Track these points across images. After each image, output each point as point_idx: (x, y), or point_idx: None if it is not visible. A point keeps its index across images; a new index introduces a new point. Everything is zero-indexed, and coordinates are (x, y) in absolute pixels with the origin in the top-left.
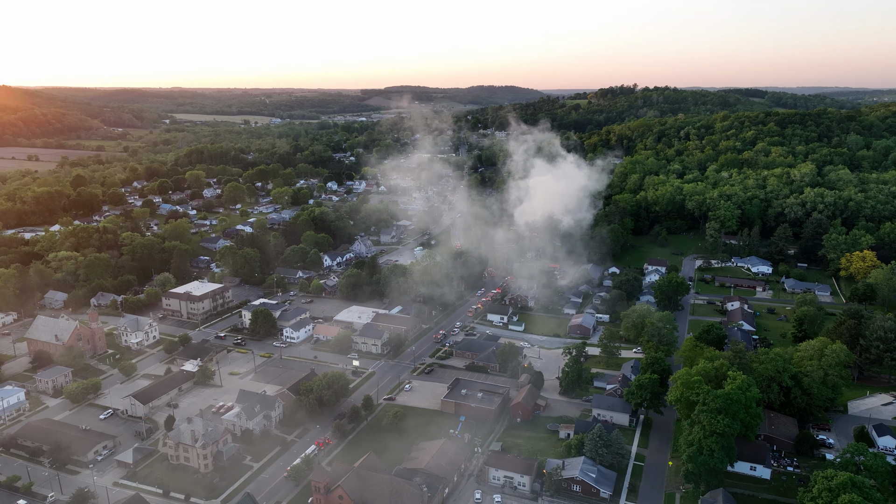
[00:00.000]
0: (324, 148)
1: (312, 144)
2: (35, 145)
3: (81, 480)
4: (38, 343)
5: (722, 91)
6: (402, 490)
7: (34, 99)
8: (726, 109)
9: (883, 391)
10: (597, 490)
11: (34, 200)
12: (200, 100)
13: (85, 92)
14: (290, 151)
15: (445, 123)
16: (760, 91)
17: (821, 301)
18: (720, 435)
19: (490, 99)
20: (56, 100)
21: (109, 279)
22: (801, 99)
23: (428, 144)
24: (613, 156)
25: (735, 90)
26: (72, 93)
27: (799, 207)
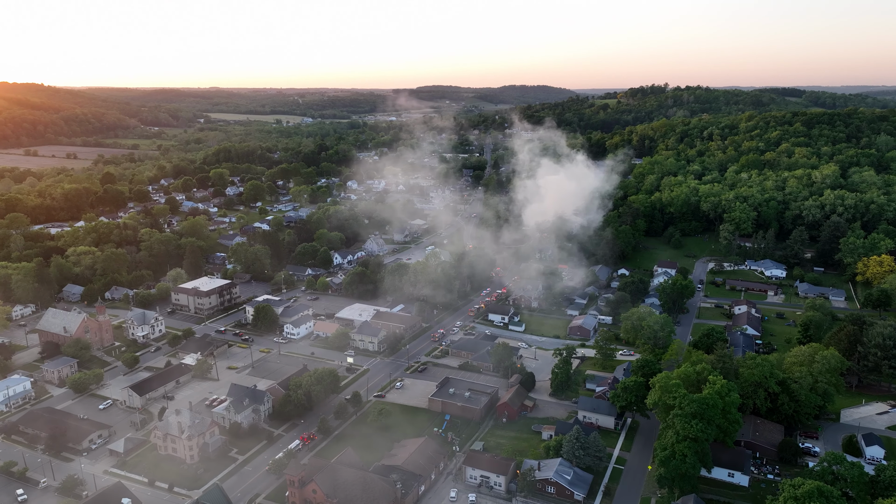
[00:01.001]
0: (348, 147)
1: (338, 144)
2: (75, 143)
3: (74, 468)
4: (48, 334)
5: (757, 90)
6: (373, 486)
7: (77, 99)
8: (759, 109)
9: (881, 400)
10: (570, 492)
11: (63, 197)
12: (236, 99)
13: (126, 92)
14: (314, 150)
15: (470, 123)
16: (799, 90)
17: (834, 306)
18: (693, 440)
19: (522, 98)
20: (97, 99)
21: (125, 274)
22: (840, 98)
23: (452, 144)
24: (624, 153)
25: (772, 89)
26: (113, 93)
27: (818, 210)
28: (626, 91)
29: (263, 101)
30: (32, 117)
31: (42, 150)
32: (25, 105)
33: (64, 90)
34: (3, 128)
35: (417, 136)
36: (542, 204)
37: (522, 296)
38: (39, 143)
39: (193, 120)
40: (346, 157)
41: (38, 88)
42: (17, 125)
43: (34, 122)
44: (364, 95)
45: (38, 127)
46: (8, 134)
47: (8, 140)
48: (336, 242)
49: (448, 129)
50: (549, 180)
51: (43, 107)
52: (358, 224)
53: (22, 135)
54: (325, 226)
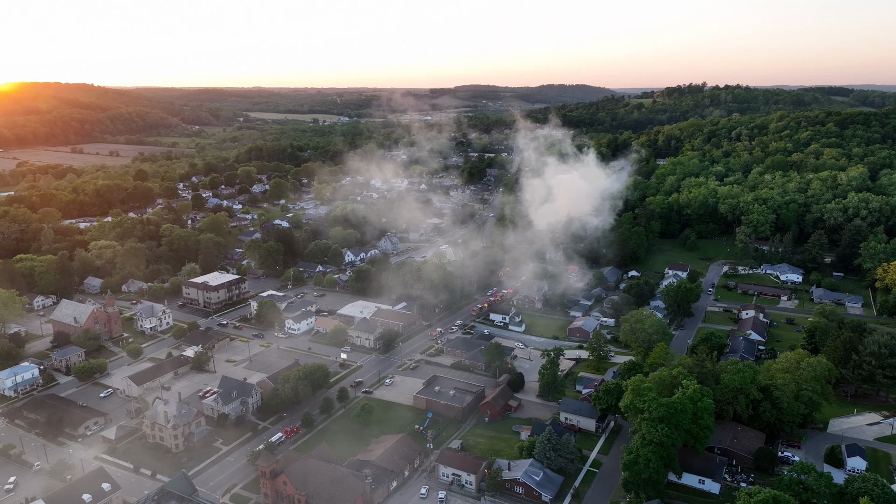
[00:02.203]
0: (377, 146)
1: (367, 142)
2: (118, 141)
3: (68, 452)
4: (60, 324)
5: (801, 89)
6: (343, 480)
7: (124, 98)
8: (799, 109)
9: (874, 410)
10: (538, 493)
11: (95, 193)
12: (276, 99)
13: (171, 91)
14: (342, 149)
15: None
16: (846, 89)
17: (849, 313)
18: (658, 444)
19: (560, 98)
20: (143, 99)
21: (142, 268)
22: (891, 97)
23: (480, 143)
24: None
25: (816, 88)
26: (159, 92)
27: (840, 213)
28: (662, 90)
29: (303, 100)
30: (80, 116)
31: (87, 148)
32: (75, 104)
33: (112, 90)
34: (52, 126)
35: (449, 135)
36: (554, 204)
37: (527, 296)
38: (86, 141)
39: (233, 119)
40: (373, 156)
41: (89, 88)
42: (66, 124)
43: (82, 120)
44: (401, 95)
45: (86, 125)
46: (57, 132)
47: (57, 138)
48: (351, 240)
49: (479, 128)
50: (561, 181)
51: (91, 106)
52: (375, 222)
53: (70, 133)
54: (341, 224)
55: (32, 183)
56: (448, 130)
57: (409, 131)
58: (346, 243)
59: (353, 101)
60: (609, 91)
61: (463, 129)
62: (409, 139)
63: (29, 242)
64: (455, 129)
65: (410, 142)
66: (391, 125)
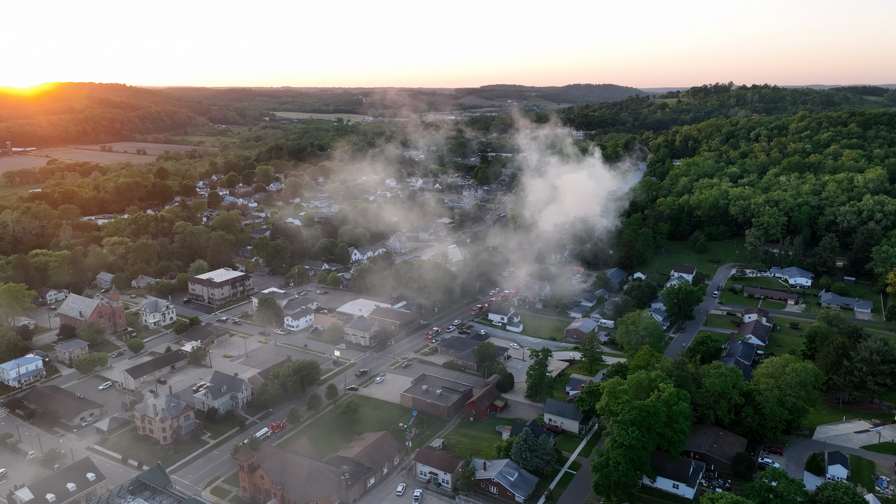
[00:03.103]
0: (395, 145)
1: (387, 142)
2: (146, 140)
3: (62, 443)
4: (67, 318)
5: (833, 89)
6: (319, 475)
7: (154, 98)
8: (829, 109)
9: (865, 418)
10: (512, 494)
11: (115, 190)
12: (303, 98)
13: (200, 91)
14: (360, 148)
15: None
16: (881, 89)
17: (857, 319)
18: (628, 447)
19: (586, 97)
20: (172, 98)
21: (153, 264)
22: None
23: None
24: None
25: (849, 88)
26: (189, 92)
27: (853, 216)
28: (687, 90)
29: (329, 99)
30: (111, 115)
31: (116, 146)
32: (107, 104)
33: (143, 90)
34: (84, 125)
35: (469, 134)
36: (560, 205)
37: (527, 296)
38: (115, 140)
39: (259, 118)
40: (390, 155)
41: (121, 88)
42: (97, 123)
43: (112, 119)
44: (427, 95)
45: (116, 124)
46: (88, 131)
47: (88, 136)
48: (360, 239)
49: (498, 128)
50: (567, 182)
51: (122, 105)
52: (385, 221)
53: (101, 132)
54: (350, 222)
55: (59, 180)
56: (469, 130)
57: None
58: (355, 242)
59: (378, 101)
60: (636, 91)
61: (482, 130)
62: (427, 138)
63: (49, 238)
64: (475, 128)
65: (429, 141)
66: (413, 125)
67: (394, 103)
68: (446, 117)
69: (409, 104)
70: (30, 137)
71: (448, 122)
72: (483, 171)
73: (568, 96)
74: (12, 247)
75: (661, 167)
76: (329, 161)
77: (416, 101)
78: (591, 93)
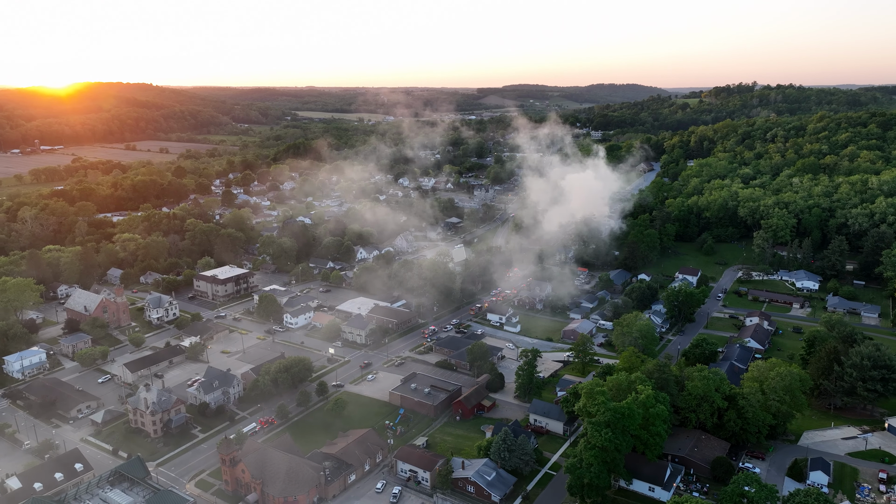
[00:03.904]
0: (411, 144)
1: (401, 141)
2: (170, 139)
3: (59, 433)
4: (72, 312)
5: (862, 89)
6: (298, 470)
7: (179, 97)
8: (855, 109)
9: (855, 424)
10: (488, 493)
11: (131, 188)
12: (325, 98)
13: (225, 91)
14: (376, 147)
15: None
16: None
17: (864, 323)
18: (601, 449)
19: (609, 97)
20: (196, 98)
21: (162, 260)
22: None
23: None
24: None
25: (879, 87)
26: (214, 91)
27: (865, 218)
28: (710, 90)
29: (351, 99)
30: (136, 115)
31: (140, 145)
32: (133, 103)
33: (169, 89)
34: (110, 124)
35: (487, 134)
36: (566, 206)
37: (527, 297)
38: (139, 139)
39: (281, 117)
40: (406, 156)
41: (148, 88)
42: (122, 122)
43: (137, 118)
44: (448, 94)
45: (141, 123)
46: (114, 130)
47: (113, 135)
48: (366, 238)
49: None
50: (573, 183)
51: (147, 105)
52: (394, 220)
53: (126, 130)
54: (359, 221)
55: (81, 178)
56: (489, 130)
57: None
58: (362, 241)
59: (400, 101)
60: (661, 91)
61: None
62: (444, 138)
63: (65, 234)
64: (493, 128)
65: (444, 141)
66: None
67: (415, 103)
68: (467, 117)
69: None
70: (58, 136)
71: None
72: (496, 171)
73: (591, 96)
74: (30, 242)
75: (675, 168)
76: (344, 160)
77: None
78: (615, 93)
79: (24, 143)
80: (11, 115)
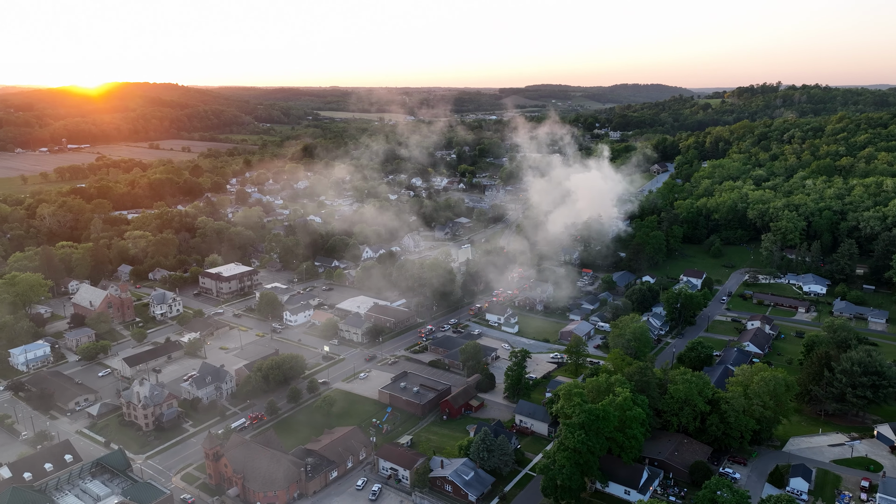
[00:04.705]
0: (427, 144)
1: (418, 141)
2: (193, 138)
3: (56, 425)
4: (79, 307)
5: (891, 89)
6: (279, 466)
7: (204, 97)
8: (881, 110)
9: (844, 431)
10: (465, 493)
11: (147, 186)
12: (348, 98)
13: (250, 91)
14: (392, 148)
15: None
16: None
17: (870, 329)
18: (573, 451)
19: (633, 98)
20: (221, 98)
21: (170, 257)
22: None
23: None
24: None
25: None
26: (238, 91)
27: (877, 222)
28: (733, 90)
29: (374, 99)
30: (161, 114)
31: (164, 144)
32: (158, 103)
33: (194, 89)
34: (135, 123)
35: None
36: (572, 207)
37: (527, 297)
38: (163, 138)
39: (303, 117)
40: (419, 154)
41: (174, 88)
42: (146, 121)
43: (161, 118)
44: (471, 95)
45: (165, 122)
46: (139, 129)
47: (138, 134)
48: (373, 237)
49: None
50: (580, 184)
51: (172, 104)
52: (402, 220)
53: (150, 130)
54: (368, 220)
55: (103, 176)
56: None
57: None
58: (369, 240)
59: (421, 101)
60: (686, 91)
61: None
62: (459, 138)
63: (81, 230)
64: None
65: (460, 141)
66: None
67: (437, 103)
68: (487, 117)
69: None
70: (85, 135)
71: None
72: (508, 171)
73: (614, 96)
74: (48, 238)
75: (688, 169)
76: (357, 160)
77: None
78: (639, 93)
79: (52, 141)
80: (42, 114)
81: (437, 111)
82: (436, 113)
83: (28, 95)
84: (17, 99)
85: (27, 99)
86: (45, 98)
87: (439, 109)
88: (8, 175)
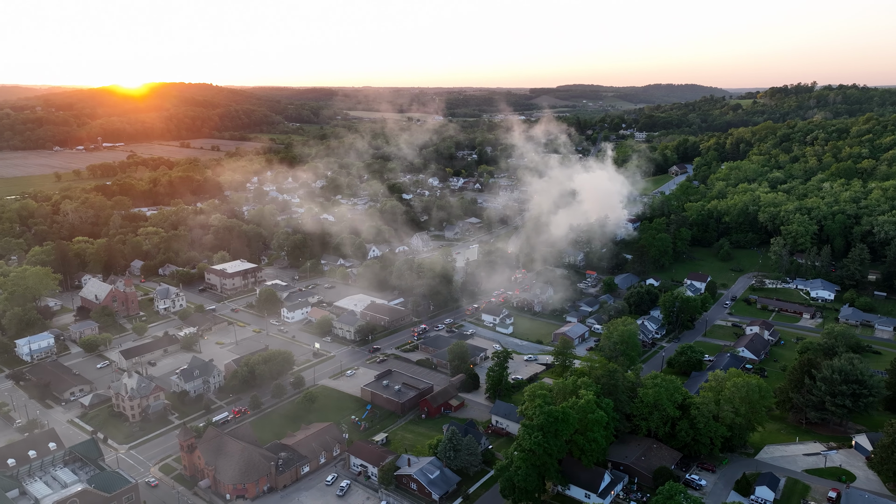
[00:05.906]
0: (448, 145)
1: (442, 142)
2: (223, 137)
3: (49, 414)
4: (85, 300)
5: None
6: (250, 459)
7: (236, 97)
8: None
9: (822, 440)
10: (429, 491)
11: (168, 184)
12: (379, 97)
13: (282, 90)
14: (415, 147)
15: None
16: None
17: (876, 336)
18: (530, 452)
19: (666, 98)
20: (252, 97)
21: (183, 254)
22: None
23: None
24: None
25: None
26: (271, 91)
27: (892, 226)
28: (766, 90)
29: (403, 99)
30: (193, 113)
31: (194, 143)
32: (191, 103)
33: (227, 89)
34: (168, 123)
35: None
36: (579, 208)
37: (525, 299)
38: (195, 137)
39: (333, 117)
40: (444, 155)
41: (207, 88)
42: (179, 121)
43: (193, 118)
44: (500, 95)
45: (197, 122)
46: (171, 128)
47: (171, 133)
48: (382, 236)
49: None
50: (586, 185)
51: (205, 104)
52: (413, 220)
53: (182, 129)
54: (377, 220)
55: (130, 174)
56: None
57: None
58: (377, 239)
59: (451, 101)
60: (720, 91)
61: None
62: (481, 139)
63: (101, 226)
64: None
65: (484, 141)
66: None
67: (468, 102)
68: (517, 117)
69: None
70: (120, 133)
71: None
72: (513, 170)
73: (647, 96)
74: (69, 234)
75: (706, 170)
76: (376, 159)
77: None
78: (672, 93)
79: (88, 140)
80: (80, 113)
81: (466, 110)
82: (466, 112)
83: (70, 95)
84: (59, 99)
85: (69, 99)
86: (86, 98)
87: (468, 109)
88: (43, 172)
